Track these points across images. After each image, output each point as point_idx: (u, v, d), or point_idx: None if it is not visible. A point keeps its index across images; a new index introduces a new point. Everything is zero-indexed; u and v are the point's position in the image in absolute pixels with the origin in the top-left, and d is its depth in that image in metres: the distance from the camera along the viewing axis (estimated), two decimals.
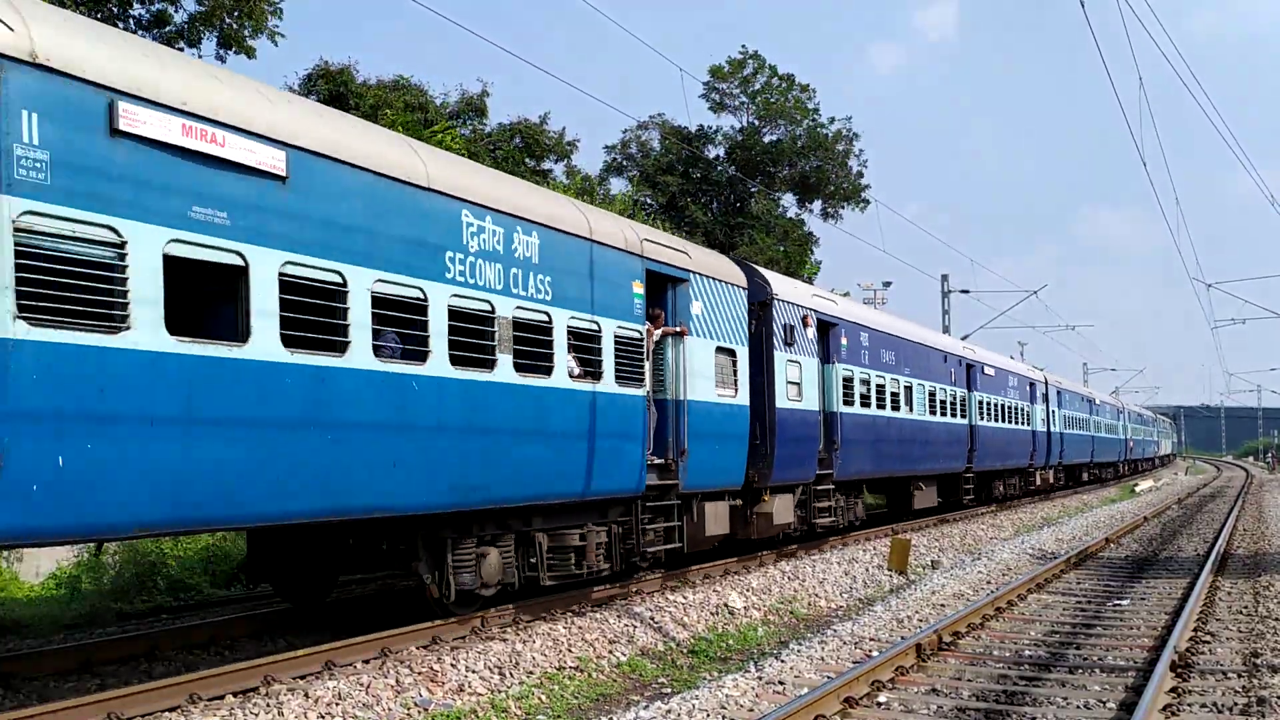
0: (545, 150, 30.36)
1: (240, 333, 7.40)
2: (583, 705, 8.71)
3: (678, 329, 13.05)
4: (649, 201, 38.01)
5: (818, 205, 42.45)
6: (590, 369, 11.40)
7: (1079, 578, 15.43)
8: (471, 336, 9.61)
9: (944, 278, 42.88)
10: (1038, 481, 34.63)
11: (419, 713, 7.87)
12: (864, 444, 19.17)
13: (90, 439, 6.40)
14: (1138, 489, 45.61)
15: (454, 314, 9.37)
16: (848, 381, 18.51)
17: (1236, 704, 7.82)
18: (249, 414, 7.42)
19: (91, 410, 6.41)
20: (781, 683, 8.69)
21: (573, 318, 11.03)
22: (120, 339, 6.57)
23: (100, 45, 6.81)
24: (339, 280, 8.18)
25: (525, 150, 29.56)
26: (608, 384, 11.54)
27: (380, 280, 8.55)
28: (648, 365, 12.40)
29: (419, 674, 8.54)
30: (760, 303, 15.53)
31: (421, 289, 9.02)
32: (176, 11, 18.61)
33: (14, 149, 6.08)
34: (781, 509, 15.79)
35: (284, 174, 7.77)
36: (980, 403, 27.25)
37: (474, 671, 8.83)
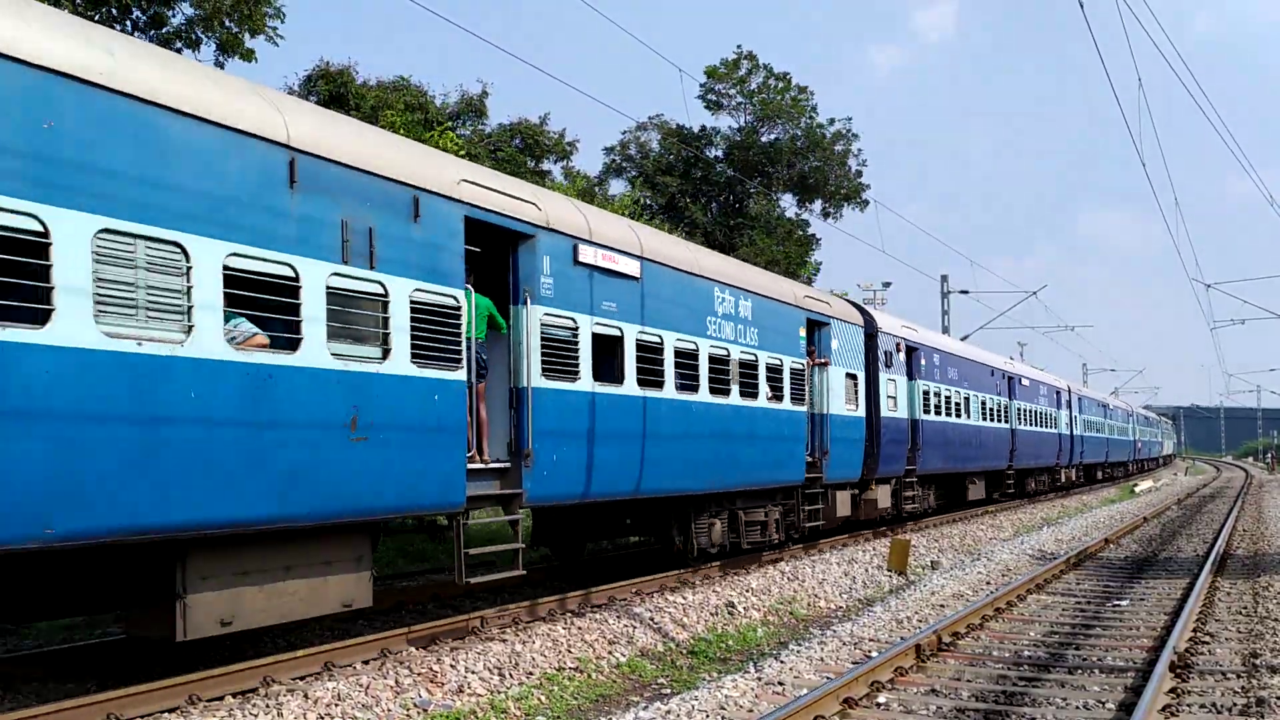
0: (545, 151, 30.35)
1: (617, 378, 11.88)
2: (582, 706, 8.71)
3: (823, 361, 17.63)
4: (648, 202, 37.99)
5: (818, 205, 42.42)
6: (776, 393, 15.75)
7: (1078, 578, 15.44)
8: (719, 374, 14.05)
9: (943, 278, 42.89)
10: (1063, 479, 39.29)
11: (418, 713, 7.87)
12: (938, 445, 23.63)
13: (563, 445, 10.85)
14: (1137, 489, 45.61)
15: (711, 359, 13.84)
16: (926, 394, 22.92)
17: (1236, 704, 7.82)
18: (623, 428, 11.94)
19: (563, 428, 10.84)
20: (781, 683, 8.69)
21: (770, 357, 15.61)
22: (574, 385, 11.06)
23: (568, 209, 11.48)
24: (659, 342, 12.70)
25: (525, 151, 29.55)
26: (786, 403, 16.05)
27: (678, 339, 13.12)
28: (808, 388, 16.98)
29: (418, 675, 8.54)
30: (869, 335, 19.99)
31: (695, 344, 13.53)
32: (174, 14, 18.58)
33: (540, 278, 10.57)
34: (883, 496, 20.63)
35: (639, 276, 12.28)
36: (1019, 410, 31.69)
37: (473, 672, 8.83)
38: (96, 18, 16.81)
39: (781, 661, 9.47)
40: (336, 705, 7.67)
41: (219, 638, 9.10)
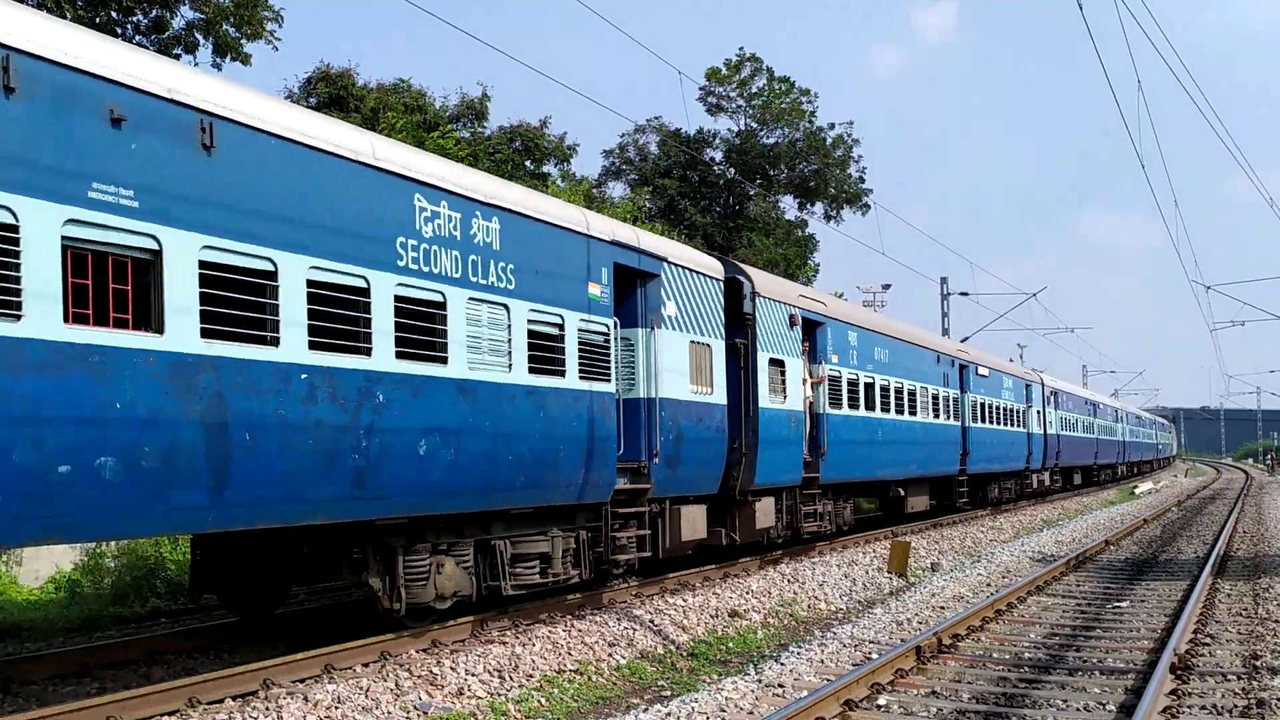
0: (545, 154, 30.36)
1: (990, 421, 28.27)
2: (582, 708, 8.71)
3: (1029, 405, 32.68)
4: (647, 204, 37.98)
5: (819, 208, 42.43)
6: (1015, 423, 30.77)
7: (1078, 580, 15.43)
8: (1004, 414, 29.73)
9: (943, 280, 42.93)
10: (1118, 472, 57.03)
11: (418, 716, 7.87)
12: (1065, 448, 39.13)
13: (985, 449, 27.49)
14: (1137, 491, 45.63)
15: (1000, 408, 29.57)
16: (1062, 419, 38.67)
17: (1236, 706, 7.82)
18: (992, 440, 28.80)
19: (983, 441, 27.33)
20: (781, 685, 8.69)
21: (1017, 404, 31.43)
22: (983, 425, 27.73)
23: (980, 353, 29.00)
24: (995, 403, 28.77)
25: (524, 154, 29.56)
26: (1020, 428, 31.56)
27: (996, 401, 28.87)
28: (1025, 419, 32.11)
29: (418, 677, 8.54)
30: (1043, 386, 35.77)
31: (999, 402, 29.41)
32: (174, 18, 18.62)
33: (972, 380, 26.59)
34: (1048, 479, 36.47)
35: (988, 375, 28.30)
36: (1097, 425, 47.51)
37: (473, 675, 8.82)
38: (99, 21, 16.83)
39: (782, 663, 9.47)
40: (337, 708, 7.66)
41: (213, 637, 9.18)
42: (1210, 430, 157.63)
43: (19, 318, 6.11)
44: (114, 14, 17.57)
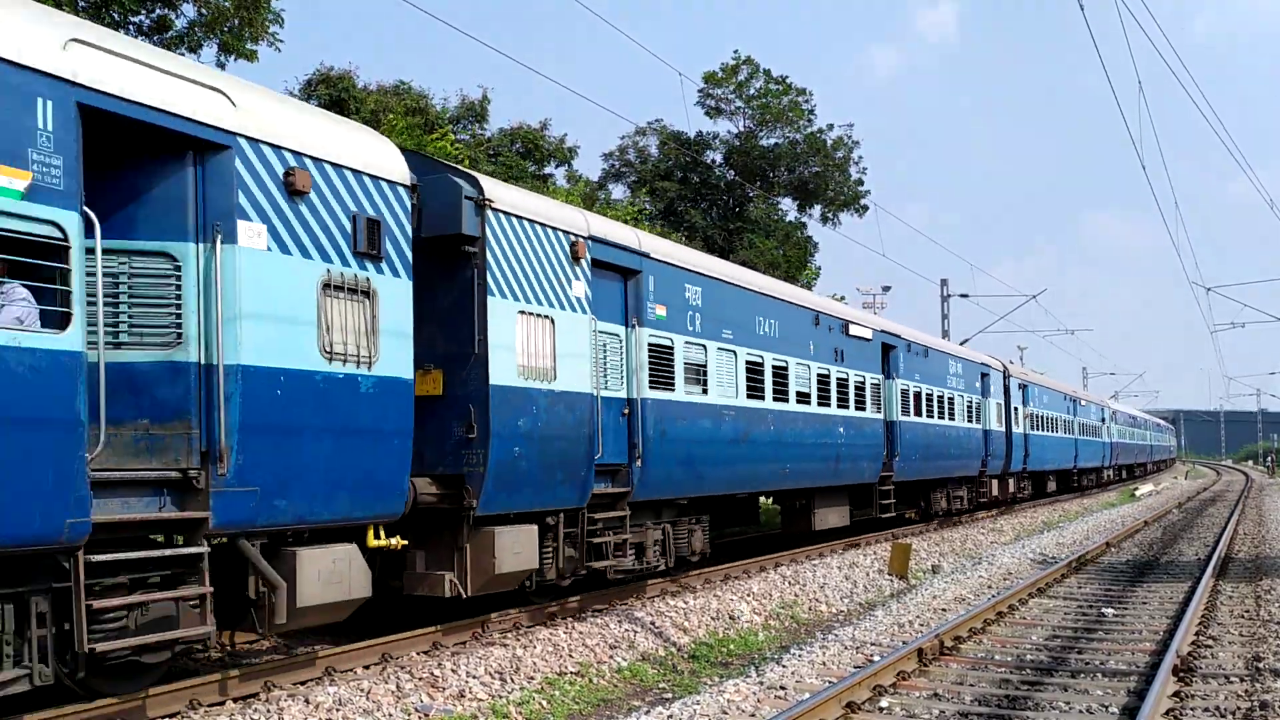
0: (545, 156, 30.34)
1: (1082, 433, 43.18)
2: (584, 710, 8.70)
3: (1102, 423, 45.88)
4: (647, 206, 37.93)
5: (818, 210, 42.37)
6: (1098, 433, 46.91)
7: (1080, 582, 15.42)
8: (1089, 430, 44.84)
9: (943, 282, 42.91)
10: (1146, 468, 71.71)
11: (419, 718, 7.86)
12: (1118, 453, 52.91)
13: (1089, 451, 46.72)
14: (1137, 493, 45.64)
15: (1086, 426, 44.10)
16: (1118, 431, 52.88)
17: (1239, 708, 7.81)
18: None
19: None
20: (783, 688, 8.68)
21: (1098, 422, 47.56)
22: (1071, 437, 42.55)
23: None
24: (1096, 425, 48.50)
25: (525, 156, 29.54)
26: (1094, 438, 46.27)
27: (1084, 420, 44.08)
28: (1101, 433, 47.47)
29: (419, 679, 8.52)
30: (1108, 407, 50.81)
31: (1100, 425, 49.24)
32: (177, 18, 18.61)
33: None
34: (1111, 474, 51.45)
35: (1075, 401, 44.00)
36: (1135, 433, 61.54)
37: (475, 677, 8.81)
38: (102, 22, 16.82)
39: (783, 665, 9.45)
40: (338, 710, 7.65)
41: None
42: (1210, 432, 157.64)
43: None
44: (114, 15, 17.55)
